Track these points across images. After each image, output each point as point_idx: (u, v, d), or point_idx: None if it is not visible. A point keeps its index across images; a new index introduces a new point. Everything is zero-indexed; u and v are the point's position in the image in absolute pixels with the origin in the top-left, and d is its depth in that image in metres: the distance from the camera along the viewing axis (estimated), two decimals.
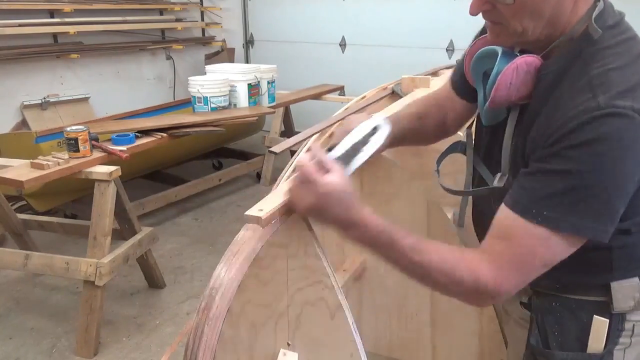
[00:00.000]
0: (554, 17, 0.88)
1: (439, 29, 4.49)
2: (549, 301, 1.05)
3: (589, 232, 0.86)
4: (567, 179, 0.83)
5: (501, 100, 0.94)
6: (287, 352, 1.06)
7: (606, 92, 0.82)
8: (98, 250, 2.33)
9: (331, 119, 1.64)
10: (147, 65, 4.92)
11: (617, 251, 0.96)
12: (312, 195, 0.91)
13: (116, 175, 2.35)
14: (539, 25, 0.89)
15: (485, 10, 0.91)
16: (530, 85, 0.92)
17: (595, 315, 1.00)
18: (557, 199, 0.84)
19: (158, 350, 2.38)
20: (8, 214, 2.76)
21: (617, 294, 0.98)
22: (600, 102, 0.81)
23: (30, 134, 3.05)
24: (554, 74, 0.90)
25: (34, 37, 3.87)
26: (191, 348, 0.91)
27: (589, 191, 0.83)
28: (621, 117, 0.80)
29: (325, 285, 1.03)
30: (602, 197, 0.84)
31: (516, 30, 0.89)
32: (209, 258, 3.21)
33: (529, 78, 0.91)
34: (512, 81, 0.91)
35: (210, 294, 0.92)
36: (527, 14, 0.87)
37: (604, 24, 0.89)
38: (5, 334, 2.49)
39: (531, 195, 0.87)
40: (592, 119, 0.81)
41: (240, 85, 3.62)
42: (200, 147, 4.23)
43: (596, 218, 0.85)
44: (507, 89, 0.91)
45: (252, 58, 5.72)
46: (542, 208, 0.85)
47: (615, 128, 0.80)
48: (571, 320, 1.03)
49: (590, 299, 1.01)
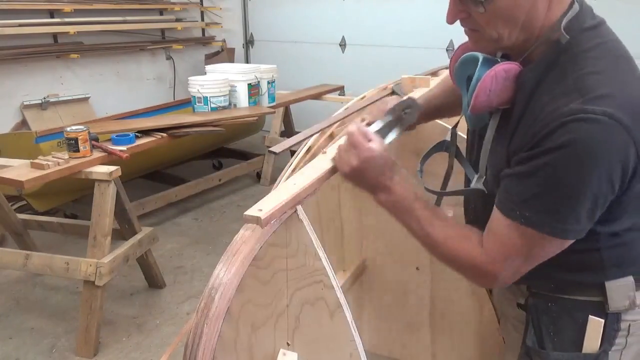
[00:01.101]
0: (528, 22, 0.90)
1: (439, 29, 4.43)
2: (544, 302, 1.06)
3: (566, 234, 0.90)
4: (541, 181, 0.88)
5: (482, 106, 0.97)
6: (287, 352, 1.06)
7: (581, 97, 0.84)
8: (98, 250, 2.33)
9: (331, 119, 1.64)
10: (147, 65, 4.92)
11: (607, 251, 0.97)
12: (355, 158, 1.03)
13: (116, 175, 2.35)
14: (514, 31, 0.91)
15: (462, 18, 0.94)
16: (510, 91, 0.95)
17: (591, 315, 1.01)
18: (534, 200, 0.89)
19: (158, 350, 2.38)
20: (8, 214, 2.76)
21: (611, 293, 0.99)
22: (572, 107, 0.83)
23: (30, 134, 3.05)
24: (533, 80, 0.92)
25: (34, 37, 3.87)
26: (191, 348, 0.91)
27: (560, 193, 0.87)
28: (591, 121, 0.82)
29: (325, 285, 1.03)
30: (572, 199, 0.86)
31: (492, 37, 0.93)
32: (209, 258, 3.21)
33: (508, 84, 0.94)
34: (492, 88, 0.94)
35: (209, 294, 0.92)
36: (501, 21, 0.90)
37: (580, 26, 0.90)
38: (5, 334, 2.49)
39: (513, 197, 0.92)
40: (563, 124, 0.83)
41: (240, 85, 3.62)
42: (200, 147, 4.23)
43: (566, 219, 0.88)
44: (486, 96, 0.94)
45: (252, 58, 5.72)
46: (523, 209, 0.90)
47: (582, 132, 0.82)
48: (567, 321, 1.04)
49: (585, 299, 1.02)
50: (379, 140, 1.06)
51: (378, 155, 1.03)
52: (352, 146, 1.05)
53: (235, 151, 4.74)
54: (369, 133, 1.06)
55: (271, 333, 1.05)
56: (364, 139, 1.04)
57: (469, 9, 0.91)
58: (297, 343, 1.07)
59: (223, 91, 3.50)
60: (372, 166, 1.03)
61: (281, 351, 1.06)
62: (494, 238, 0.96)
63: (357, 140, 1.04)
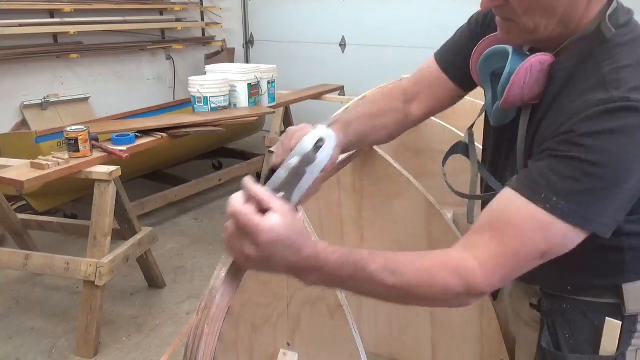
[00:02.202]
0: (567, 15, 0.86)
1: (439, 29, 4.45)
2: (559, 303, 1.03)
3: (592, 226, 0.82)
4: (577, 167, 0.79)
5: (514, 100, 0.92)
6: (287, 352, 1.06)
7: (619, 88, 0.80)
8: (98, 250, 2.33)
9: (331, 118, 1.64)
10: (147, 65, 4.92)
11: (630, 252, 0.94)
12: (253, 247, 0.75)
13: (116, 175, 2.35)
14: (552, 23, 0.87)
15: (497, 5, 0.88)
16: (542, 84, 0.90)
17: (608, 317, 0.98)
18: (566, 185, 0.80)
19: (158, 350, 2.38)
20: (8, 214, 2.76)
21: (629, 295, 0.96)
22: (614, 95, 0.79)
23: (30, 134, 3.05)
24: (566, 72, 0.88)
25: (34, 37, 3.87)
26: (191, 348, 0.91)
27: (598, 183, 0.79)
28: (636, 111, 0.78)
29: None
30: (611, 192, 0.80)
31: (528, 28, 0.87)
32: (209, 258, 3.21)
33: (541, 77, 0.90)
34: (526, 80, 0.89)
35: (210, 294, 0.92)
36: (540, 11, 0.85)
37: (616, 22, 0.87)
38: (5, 334, 2.49)
39: (541, 180, 0.81)
40: (607, 110, 0.78)
41: (240, 85, 3.62)
42: (200, 147, 4.23)
43: (601, 212, 0.81)
44: (520, 89, 0.89)
45: (252, 58, 5.72)
46: (551, 194, 0.80)
47: (629, 121, 0.78)
48: (582, 322, 1.01)
49: (601, 301, 0.99)
50: (279, 206, 0.76)
51: (283, 232, 0.74)
52: (242, 231, 0.76)
53: (235, 151, 4.74)
54: (263, 200, 0.76)
55: (271, 333, 1.05)
56: (255, 218, 0.74)
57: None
58: (297, 343, 1.07)
59: (223, 91, 3.50)
60: (279, 249, 0.75)
61: (281, 351, 1.06)
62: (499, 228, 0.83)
63: (246, 222, 0.75)
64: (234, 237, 0.78)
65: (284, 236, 0.75)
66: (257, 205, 0.77)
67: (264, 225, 0.74)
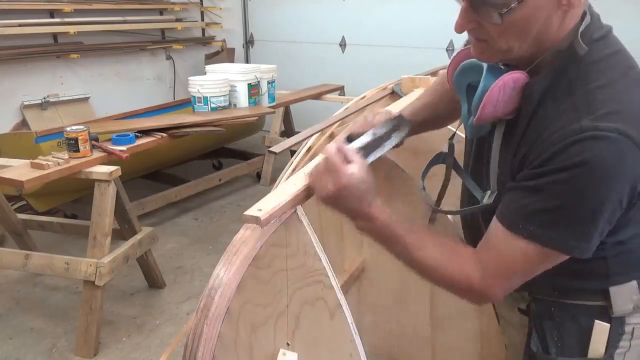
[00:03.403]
0: (541, 35, 0.87)
1: (439, 29, 4.47)
2: (547, 307, 1.04)
3: (571, 250, 0.88)
4: (552, 199, 0.85)
5: (487, 118, 0.94)
6: (287, 352, 1.06)
7: (590, 114, 0.82)
8: (98, 250, 2.33)
9: (331, 119, 1.64)
10: (147, 65, 4.92)
11: (612, 259, 0.96)
12: (332, 184, 0.97)
13: (116, 175, 2.35)
14: (525, 44, 0.88)
15: (471, 28, 0.90)
16: (515, 101, 0.92)
17: (596, 319, 0.99)
18: (542, 216, 0.86)
19: (158, 350, 2.38)
20: (8, 214, 2.76)
21: (616, 298, 0.98)
22: (583, 125, 0.81)
23: (30, 134, 3.05)
24: (540, 91, 0.90)
25: (34, 37, 3.87)
26: (190, 348, 0.91)
27: (572, 212, 0.84)
28: (603, 140, 0.80)
29: (325, 285, 1.03)
30: (586, 218, 0.85)
31: (501, 49, 0.89)
32: (209, 258, 3.21)
33: (514, 94, 0.91)
34: (499, 98, 0.90)
35: (209, 294, 0.92)
36: (514, 33, 0.86)
37: (590, 37, 0.88)
38: (5, 334, 2.49)
39: (518, 211, 0.89)
40: (575, 141, 0.81)
41: (240, 85, 3.62)
42: (200, 147, 4.23)
43: (579, 237, 0.86)
44: (493, 107, 0.91)
45: (252, 58, 5.72)
46: (528, 224, 0.87)
47: (597, 152, 0.80)
48: (571, 326, 1.02)
49: (589, 304, 1.00)
50: (359, 161, 0.99)
51: (358, 181, 0.96)
52: (330, 170, 0.97)
53: (235, 151, 4.74)
54: (349, 153, 0.99)
55: (271, 333, 1.05)
56: (343, 162, 0.97)
57: (483, 19, 0.87)
58: (297, 343, 1.07)
59: (223, 91, 3.50)
60: (350, 193, 0.97)
61: (281, 351, 1.06)
62: (493, 253, 0.93)
63: (335, 163, 0.97)
64: (322, 173, 1.00)
65: (356, 184, 0.96)
66: (344, 156, 0.98)
67: (347, 170, 0.96)
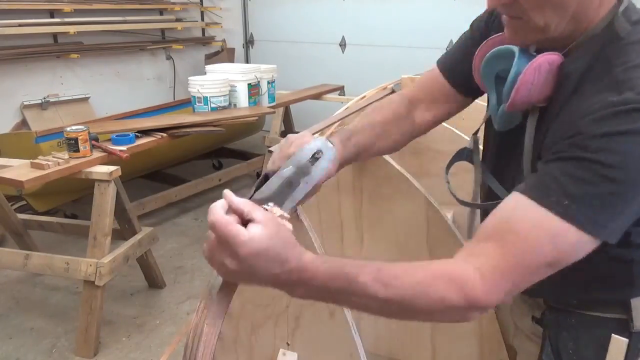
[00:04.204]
0: (579, 11, 0.81)
1: (439, 29, 4.48)
2: (564, 317, 0.99)
3: (603, 232, 0.76)
4: (591, 169, 0.74)
5: (522, 102, 0.86)
6: (287, 352, 1.06)
7: (633, 89, 0.75)
8: (98, 250, 2.33)
9: (331, 118, 1.64)
10: (147, 65, 4.92)
11: (639, 265, 0.90)
12: (233, 260, 0.70)
13: (116, 175, 2.35)
14: (563, 21, 0.82)
15: (505, 3, 0.82)
16: (551, 86, 0.86)
17: (614, 334, 0.95)
18: (577, 189, 0.74)
19: (158, 350, 2.38)
20: (8, 214, 2.76)
21: (637, 311, 0.93)
22: (628, 97, 0.74)
23: (30, 134, 3.05)
24: (577, 73, 0.83)
25: (34, 37, 3.87)
26: (190, 348, 0.91)
27: (612, 187, 0.74)
28: None
29: None
30: (624, 196, 0.75)
31: (537, 25, 0.82)
32: None
33: (550, 78, 0.85)
34: (534, 81, 0.84)
35: (209, 294, 0.92)
36: (551, 7, 0.80)
37: (629, 19, 0.83)
38: (5, 334, 2.49)
39: (552, 183, 0.76)
40: (620, 112, 0.73)
41: (240, 85, 3.62)
42: (200, 147, 4.23)
43: (613, 217, 0.76)
44: (528, 90, 0.84)
45: (252, 58, 5.72)
46: (562, 197, 0.74)
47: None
48: (587, 338, 0.97)
49: (608, 316, 0.96)
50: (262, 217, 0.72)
51: (265, 243, 0.69)
52: (222, 243, 0.70)
53: (235, 151, 4.74)
54: (245, 210, 0.72)
55: (271, 333, 1.05)
56: (234, 228, 0.69)
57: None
58: (297, 343, 1.07)
59: (223, 91, 3.50)
60: (262, 261, 0.70)
61: (281, 351, 1.06)
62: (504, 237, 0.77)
63: (225, 233, 0.69)
64: (214, 249, 0.72)
65: (266, 248, 0.70)
66: (239, 216, 0.72)
67: (244, 236, 0.69)
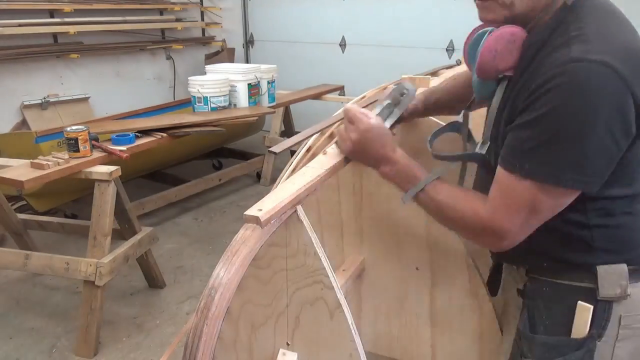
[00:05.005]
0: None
1: (439, 29, 4.49)
2: (540, 286, 1.07)
3: (570, 183, 0.89)
4: (542, 131, 0.87)
5: (487, 68, 0.99)
6: (287, 352, 1.06)
7: (582, 46, 0.86)
8: (98, 250, 2.33)
9: (331, 119, 1.64)
10: (147, 65, 4.92)
11: (597, 230, 0.98)
12: (356, 132, 1.08)
13: (116, 175, 2.35)
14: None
15: None
16: (515, 55, 0.97)
17: (580, 300, 1.01)
18: (535, 150, 0.89)
19: (158, 350, 2.38)
20: (8, 214, 2.76)
21: (602, 280, 1.00)
22: (572, 55, 0.85)
23: (30, 134, 3.05)
24: (539, 41, 0.94)
25: (34, 37, 3.87)
26: (190, 348, 0.91)
27: (562, 138, 0.86)
28: (595, 65, 0.83)
29: (325, 285, 1.03)
30: (577, 146, 0.86)
31: (505, 2, 0.95)
32: (209, 258, 3.21)
33: (513, 48, 0.97)
34: (497, 48, 0.96)
35: (209, 294, 0.92)
36: None
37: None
38: (5, 334, 2.49)
39: (513, 150, 0.93)
40: (565, 67, 0.84)
41: (240, 85, 3.62)
42: (200, 147, 4.24)
43: (574, 168, 0.87)
44: (492, 55, 0.97)
45: (252, 58, 5.72)
46: (522, 161, 0.90)
47: (580, 78, 0.83)
48: (559, 305, 1.05)
49: (578, 285, 1.02)
50: (377, 117, 1.12)
51: (378, 126, 1.08)
52: (351, 122, 1.10)
53: (235, 151, 4.74)
54: (367, 112, 1.10)
55: (271, 333, 1.06)
56: (362, 115, 1.09)
57: None
58: (297, 343, 1.07)
59: (223, 91, 3.50)
60: (373, 138, 1.08)
61: (281, 351, 1.06)
62: (497, 191, 0.97)
63: (355, 115, 1.09)
64: (344, 129, 1.11)
65: (377, 131, 1.08)
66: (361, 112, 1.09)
67: (367, 119, 1.09)
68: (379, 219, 1.73)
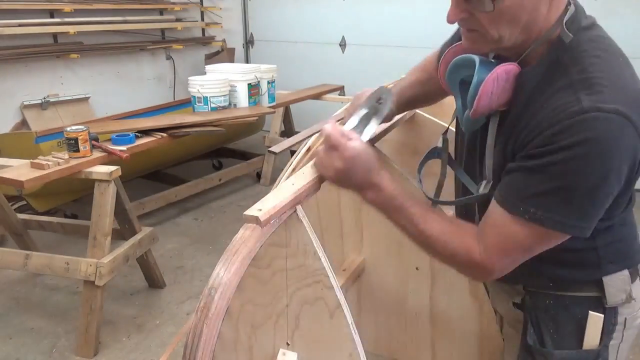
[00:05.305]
0: (530, 23, 0.90)
1: (438, 29, 4.46)
2: (542, 299, 1.06)
3: (572, 230, 0.89)
4: (552, 179, 0.85)
5: (483, 110, 0.95)
6: (287, 352, 1.06)
7: (590, 95, 0.83)
8: (98, 250, 2.33)
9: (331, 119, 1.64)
10: (147, 65, 4.92)
11: (603, 249, 0.99)
12: (339, 159, 0.99)
13: (116, 175, 2.35)
14: (515, 32, 0.90)
15: (463, 18, 0.92)
16: (509, 92, 0.94)
17: (590, 310, 1.01)
18: (543, 197, 0.87)
19: (158, 350, 2.38)
20: (8, 214, 2.76)
21: (609, 288, 1.00)
22: (584, 105, 0.82)
23: (30, 134, 3.05)
24: (534, 79, 0.91)
25: (34, 37, 3.87)
26: (190, 348, 0.91)
27: (572, 192, 0.85)
28: (606, 120, 0.81)
29: (325, 285, 1.03)
30: (586, 198, 0.86)
31: (493, 38, 0.91)
32: (209, 258, 3.21)
33: (508, 86, 0.93)
34: (494, 90, 0.92)
35: (209, 294, 0.92)
36: (505, 21, 0.89)
37: (578, 25, 0.91)
38: (5, 334, 2.49)
39: (518, 193, 0.90)
40: (577, 121, 0.82)
41: (240, 85, 3.62)
42: (200, 147, 4.23)
43: (581, 216, 0.87)
44: (488, 99, 0.93)
45: (252, 58, 5.72)
46: (529, 206, 0.88)
47: (599, 131, 0.81)
48: (565, 317, 1.04)
49: (583, 295, 1.02)
50: (358, 137, 1.03)
51: (362, 152, 0.99)
52: (333, 148, 1.00)
53: (235, 151, 4.74)
54: (346, 131, 1.02)
55: (271, 333, 1.05)
56: (343, 138, 0.99)
57: (474, 8, 0.89)
58: (296, 343, 1.07)
59: (223, 91, 3.50)
60: (358, 165, 0.99)
61: (281, 351, 1.06)
62: (495, 232, 0.93)
63: (337, 140, 0.99)
64: (326, 155, 1.02)
65: (362, 156, 0.99)
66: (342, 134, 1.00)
67: (349, 144, 0.99)
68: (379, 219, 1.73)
